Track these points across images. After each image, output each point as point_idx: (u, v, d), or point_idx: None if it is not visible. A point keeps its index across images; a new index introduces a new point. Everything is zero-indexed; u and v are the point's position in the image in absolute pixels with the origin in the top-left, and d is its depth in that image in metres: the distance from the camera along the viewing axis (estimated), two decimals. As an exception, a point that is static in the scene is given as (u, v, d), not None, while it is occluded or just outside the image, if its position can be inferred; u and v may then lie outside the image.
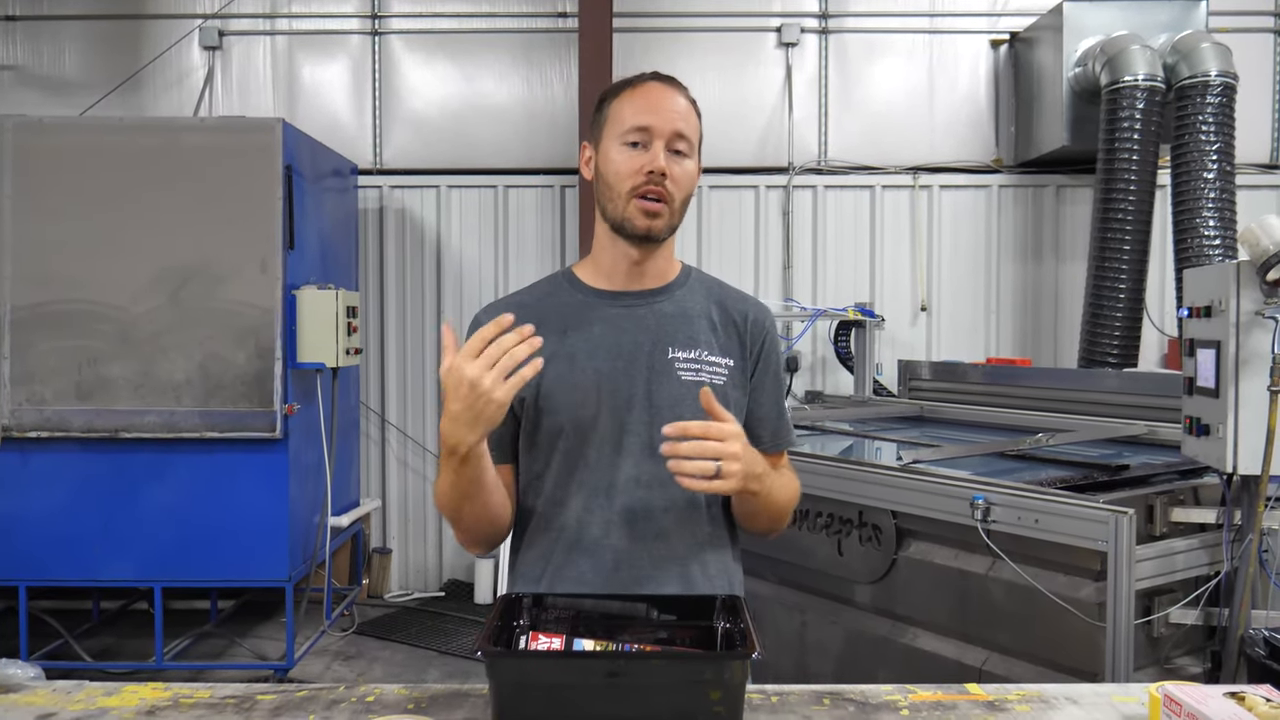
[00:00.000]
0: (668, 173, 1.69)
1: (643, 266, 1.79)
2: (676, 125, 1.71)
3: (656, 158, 1.69)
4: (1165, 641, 3.03)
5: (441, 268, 6.77)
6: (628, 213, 1.71)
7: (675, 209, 1.73)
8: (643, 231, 1.72)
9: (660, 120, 1.70)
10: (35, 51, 6.74)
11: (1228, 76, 5.36)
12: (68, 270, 4.88)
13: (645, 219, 1.71)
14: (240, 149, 4.95)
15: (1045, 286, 6.74)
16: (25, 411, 4.83)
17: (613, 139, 1.73)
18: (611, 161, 1.72)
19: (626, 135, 1.71)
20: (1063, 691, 1.65)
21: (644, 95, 1.74)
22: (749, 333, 1.83)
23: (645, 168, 1.69)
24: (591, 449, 1.73)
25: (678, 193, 1.72)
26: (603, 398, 1.73)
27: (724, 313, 1.83)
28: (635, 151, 1.71)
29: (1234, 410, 2.94)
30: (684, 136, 1.72)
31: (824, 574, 3.73)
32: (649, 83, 1.76)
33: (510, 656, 1.45)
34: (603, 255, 1.82)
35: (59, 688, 1.67)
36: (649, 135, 1.70)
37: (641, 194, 1.69)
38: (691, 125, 1.75)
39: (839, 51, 6.76)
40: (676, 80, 1.79)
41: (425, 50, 6.79)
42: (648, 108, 1.72)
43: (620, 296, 1.80)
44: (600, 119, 1.78)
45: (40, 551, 4.85)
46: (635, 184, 1.70)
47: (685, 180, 1.73)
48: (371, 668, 5.35)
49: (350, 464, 6.17)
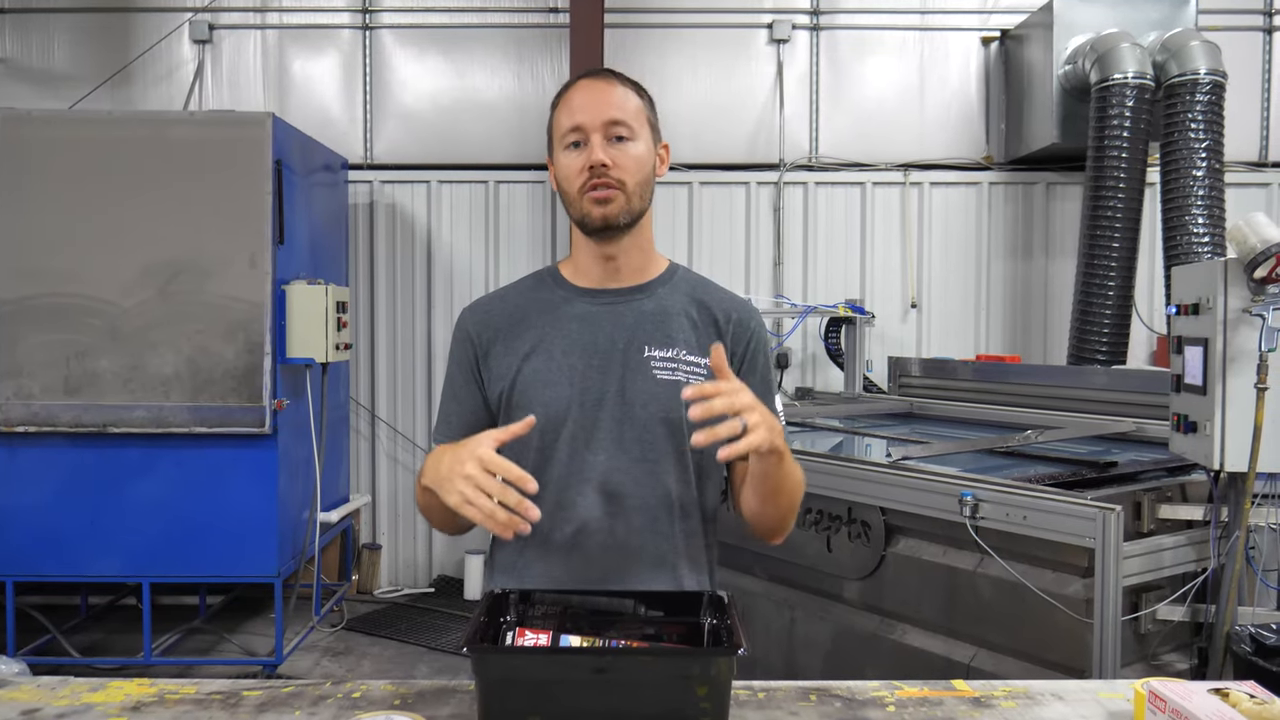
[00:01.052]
0: (608, 162, 1.69)
1: (617, 263, 1.79)
2: (607, 115, 1.72)
3: (593, 151, 1.70)
4: (1152, 638, 3.04)
5: (432, 263, 6.75)
6: (584, 209, 1.72)
7: (630, 193, 1.72)
8: (599, 222, 1.72)
9: (589, 115, 1.71)
10: (24, 44, 6.70)
11: (1217, 75, 5.38)
12: (56, 264, 4.85)
13: (599, 208, 1.71)
14: (230, 143, 4.93)
15: (1035, 284, 6.76)
16: (13, 406, 4.80)
17: (558, 147, 1.76)
18: (560, 167, 1.75)
19: (565, 139, 1.74)
20: (1049, 688, 1.65)
21: (574, 96, 1.75)
22: (732, 333, 1.81)
23: (584, 165, 1.70)
24: (563, 445, 1.74)
25: (628, 177, 1.71)
26: (575, 394, 1.74)
27: (705, 312, 1.82)
28: (576, 152, 1.72)
29: (1221, 407, 2.96)
30: (620, 122, 1.72)
31: (813, 570, 3.74)
32: (579, 83, 1.78)
33: (496, 652, 1.45)
34: (579, 255, 1.83)
35: (44, 683, 1.66)
36: (583, 133, 1.71)
37: (589, 188, 1.71)
38: (629, 108, 1.74)
39: (830, 48, 6.77)
40: (611, 71, 1.80)
41: (416, 45, 6.77)
42: (578, 107, 1.73)
43: (599, 294, 1.80)
44: (549, 132, 1.81)
45: (28, 547, 4.83)
46: (581, 182, 1.71)
47: (631, 163, 1.72)
48: (361, 664, 5.34)
49: (340, 459, 6.15)
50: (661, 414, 1.73)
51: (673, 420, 1.73)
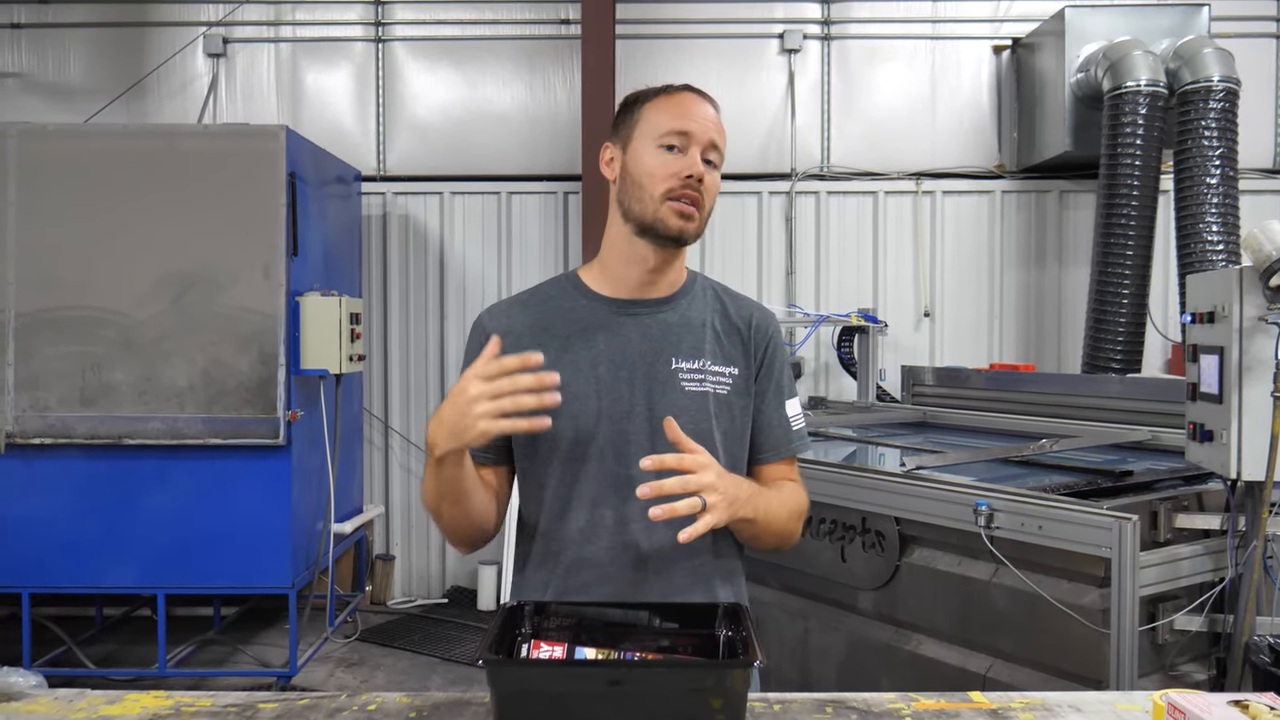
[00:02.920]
0: (704, 179, 1.70)
1: (658, 273, 1.78)
2: (712, 135, 1.73)
3: (695, 163, 1.69)
4: (1169, 648, 3.02)
5: (445, 274, 6.77)
6: (660, 214, 1.70)
7: (704, 216, 1.73)
8: (675, 233, 1.71)
9: (699, 127, 1.71)
10: (40, 59, 6.76)
11: (1230, 82, 5.36)
12: (72, 276, 4.89)
13: (679, 220, 1.70)
14: (244, 156, 4.96)
15: (1048, 292, 6.74)
16: (29, 418, 4.83)
17: (646, 140, 1.72)
18: (644, 163, 1.71)
19: (664, 138, 1.71)
20: (1066, 699, 1.64)
21: (681, 103, 1.75)
22: (752, 339, 1.81)
23: (684, 171, 1.69)
24: (592, 460, 1.72)
25: (709, 201, 1.73)
26: (603, 407, 1.72)
27: (727, 320, 1.82)
28: (672, 155, 1.70)
29: (1238, 416, 2.94)
30: (717, 147, 1.74)
31: (827, 580, 3.73)
32: (687, 92, 1.77)
33: (511, 665, 1.45)
34: (614, 259, 1.80)
35: (61, 696, 1.67)
36: (687, 140, 1.70)
37: (677, 196, 1.69)
38: (723, 138, 1.76)
39: (841, 58, 6.77)
40: (709, 95, 1.80)
41: (429, 57, 6.80)
42: (687, 114, 1.72)
43: (625, 305, 1.78)
44: (630, 120, 1.77)
45: (43, 558, 4.85)
46: (670, 186, 1.69)
47: (714, 189, 1.74)
48: (374, 675, 5.34)
49: (353, 470, 6.17)
50: (691, 426, 1.69)
51: (703, 432, 1.71)
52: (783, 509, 1.75)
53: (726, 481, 1.57)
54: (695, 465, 1.53)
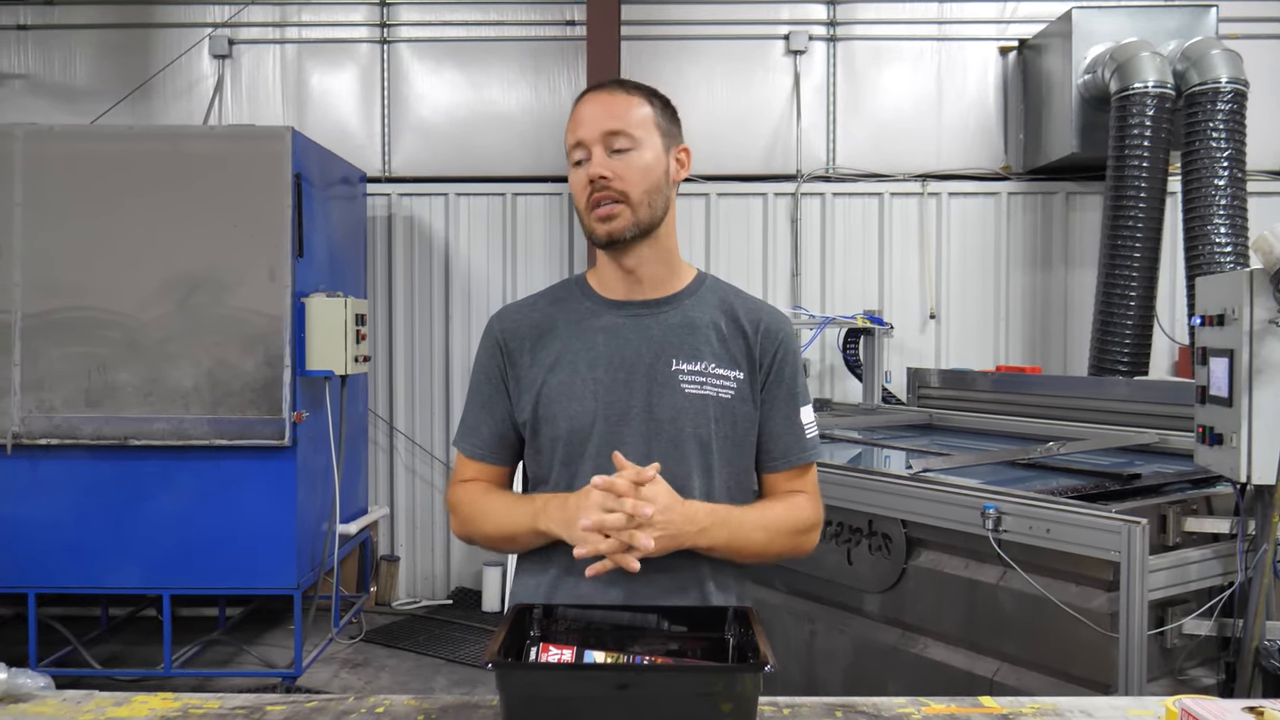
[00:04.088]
0: (608, 174, 1.68)
1: (637, 275, 1.77)
2: (605, 126, 1.70)
3: (594, 166, 1.69)
4: (1179, 652, 3.00)
5: (450, 275, 6.77)
6: (590, 225, 1.73)
7: (635, 204, 1.70)
8: (604, 238, 1.71)
9: (588, 129, 1.71)
10: (46, 60, 6.77)
11: (1238, 83, 5.34)
12: (78, 277, 4.89)
13: (602, 224, 1.70)
14: (249, 157, 4.96)
15: (1055, 294, 6.72)
16: (35, 419, 4.83)
17: (569, 163, 1.76)
18: (571, 185, 1.75)
19: (571, 156, 1.74)
20: (1077, 704, 1.63)
21: (577, 114, 1.75)
22: (759, 343, 1.78)
23: (587, 179, 1.70)
24: (588, 460, 1.71)
25: (630, 188, 1.69)
26: (599, 408, 1.71)
27: (734, 322, 1.79)
28: (580, 169, 1.72)
29: (1247, 419, 2.92)
30: (619, 132, 1.70)
31: (833, 583, 3.72)
32: (583, 97, 1.77)
33: (520, 668, 1.44)
34: (602, 267, 1.83)
35: (69, 697, 1.67)
36: (584, 148, 1.71)
37: (594, 204, 1.70)
38: (631, 117, 1.71)
39: (847, 59, 6.76)
40: (620, 81, 1.79)
41: (434, 59, 6.80)
42: (577, 122, 1.73)
43: (625, 306, 1.78)
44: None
45: (49, 558, 4.85)
46: (586, 197, 1.71)
47: (634, 174, 1.70)
48: (379, 676, 5.34)
49: (358, 471, 6.17)
50: (690, 429, 1.70)
51: (702, 436, 1.71)
52: (759, 531, 1.72)
53: (674, 514, 1.59)
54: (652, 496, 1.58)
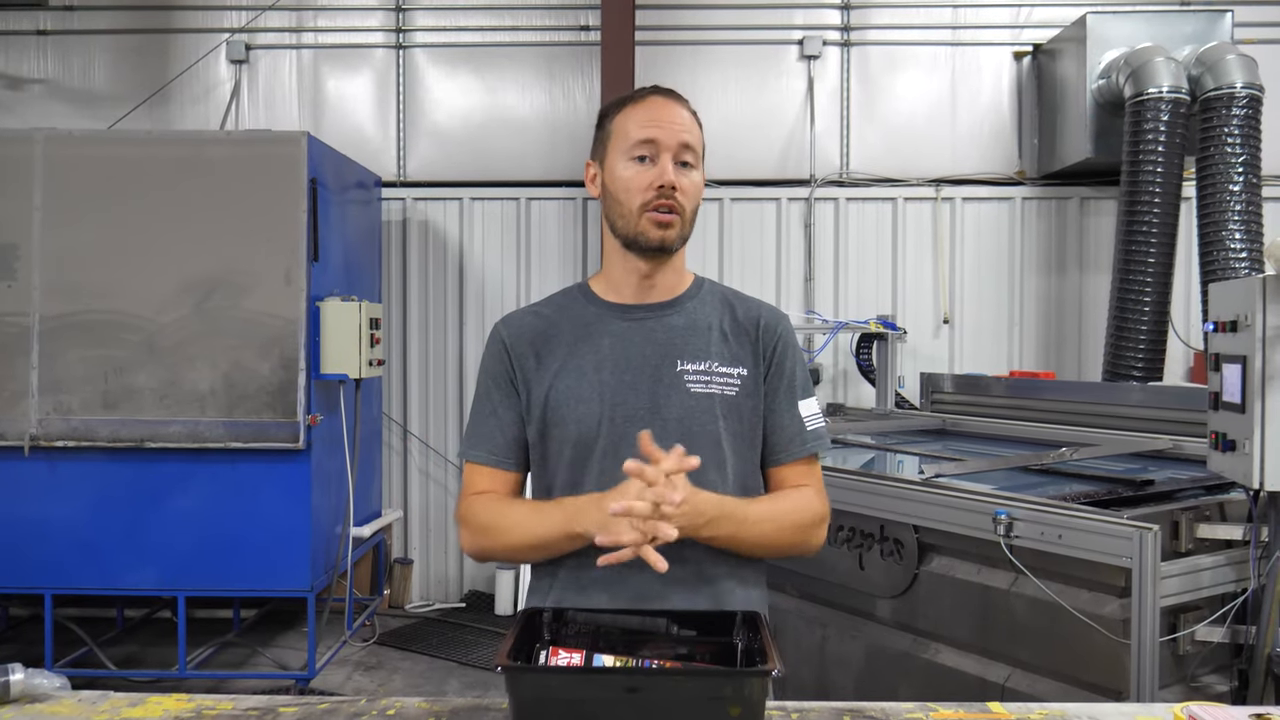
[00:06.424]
0: (677, 185, 1.70)
1: (653, 280, 1.79)
2: (682, 137, 1.72)
3: (665, 171, 1.69)
4: (1191, 659, 2.99)
5: (464, 280, 6.80)
6: (640, 227, 1.72)
7: (686, 219, 1.74)
8: (656, 243, 1.72)
9: (666, 134, 1.71)
10: (65, 65, 6.83)
11: (1253, 88, 5.32)
12: (95, 281, 4.93)
13: (659, 230, 1.71)
14: (266, 162, 5.00)
15: (1069, 299, 6.70)
16: (52, 421, 4.88)
17: (619, 154, 1.74)
18: (619, 178, 1.73)
19: (633, 150, 1.72)
20: (1085, 710, 1.63)
21: (647, 109, 1.74)
22: (761, 339, 1.81)
23: (655, 182, 1.69)
24: (595, 463, 1.73)
25: (688, 204, 1.73)
26: (606, 411, 1.73)
27: (735, 321, 1.81)
28: (643, 166, 1.71)
29: (1260, 426, 2.91)
30: (689, 148, 1.73)
31: (845, 588, 3.71)
32: (651, 97, 1.76)
33: (529, 671, 1.45)
34: (613, 269, 1.83)
35: (84, 698, 1.69)
36: (656, 149, 1.71)
37: (653, 208, 1.70)
38: (695, 136, 1.75)
39: (861, 63, 6.76)
40: (677, 93, 1.79)
41: (449, 63, 6.84)
42: (652, 121, 1.72)
43: (630, 310, 1.80)
44: (604, 135, 1.79)
45: (66, 560, 4.89)
46: (646, 199, 1.71)
47: (694, 191, 1.74)
48: (392, 678, 5.36)
49: (372, 475, 6.19)
50: (698, 427, 1.71)
51: (709, 434, 1.72)
52: (768, 523, 1.73)
53: (686, 505, 1.57)
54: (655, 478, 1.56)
